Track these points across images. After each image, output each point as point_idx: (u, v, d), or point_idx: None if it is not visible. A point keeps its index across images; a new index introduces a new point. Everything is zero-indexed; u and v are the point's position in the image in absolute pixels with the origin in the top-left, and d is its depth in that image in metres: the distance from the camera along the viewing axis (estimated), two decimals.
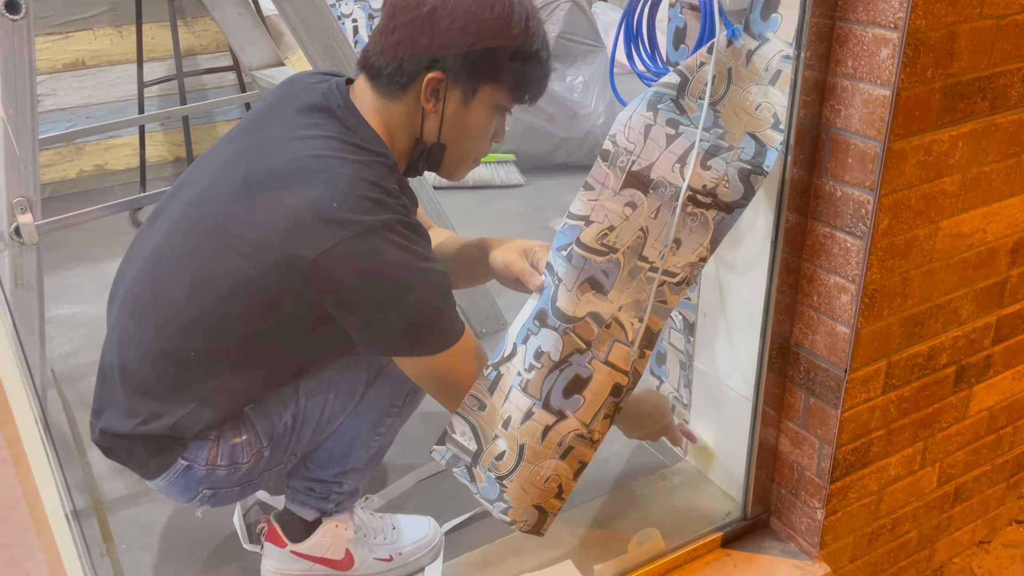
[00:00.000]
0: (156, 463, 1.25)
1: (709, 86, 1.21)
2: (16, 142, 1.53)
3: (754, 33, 1.21)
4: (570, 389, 1.22)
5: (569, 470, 1.24)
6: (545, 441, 1.22)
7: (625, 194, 1.21)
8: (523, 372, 1.21)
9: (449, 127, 1.21)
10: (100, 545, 1.51)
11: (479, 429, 1.25)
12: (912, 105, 1.12)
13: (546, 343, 1.21)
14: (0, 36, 1.48)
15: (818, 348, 1.31)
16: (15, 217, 1.58)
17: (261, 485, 1.36)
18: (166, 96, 3.14)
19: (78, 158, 3.10)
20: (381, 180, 1.14)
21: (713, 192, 1.19)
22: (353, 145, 1.15)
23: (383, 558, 1.44)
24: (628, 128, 1.20)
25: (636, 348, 1.22)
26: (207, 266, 1.16)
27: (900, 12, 1.06)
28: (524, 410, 1.21)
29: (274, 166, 1.14)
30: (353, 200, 1.10)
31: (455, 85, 1.18)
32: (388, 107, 1.20)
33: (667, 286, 1.22)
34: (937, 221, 1.25)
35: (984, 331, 1.44)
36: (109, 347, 1.27)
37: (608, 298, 1.21)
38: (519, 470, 1.23)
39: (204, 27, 3.17)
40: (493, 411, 1.24)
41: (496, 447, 1.24)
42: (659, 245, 1.21)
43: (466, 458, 1.26)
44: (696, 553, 1.46)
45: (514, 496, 1.24)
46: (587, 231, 1.21)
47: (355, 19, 3.31)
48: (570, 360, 1.21)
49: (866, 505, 1.46)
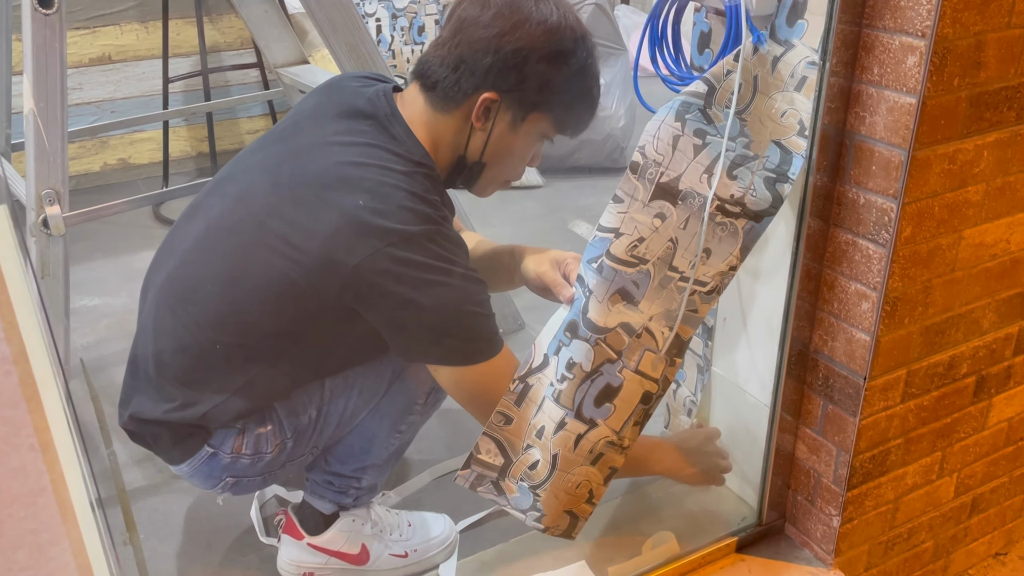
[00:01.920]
0: (182, 449, 1.28)
1: (736, 94, 1.21)
2: (46, 135, 1.55)
3: (780, 39, 1.21)
4: (601, 398, 1.23)
5: (599, 476, 1.27)
6: (577, 449, 1.24)
7: (654, 205, 1.21)
8: (555, 383, 1.23)
9: (493, 148, 1.24)
10: (123, 533, 1.53)
11: (506, 443, 1.26)
12: (938, 113, 1.12)
13: (577, 354, 1.22)
14: (33, 30, 1.50)
15: (837, 355, 1.31)
16: (43, 208, 1.60)
17: (281, 476, 1.38)
18: (190, 92, 3.16)
19: (102, 152, 3.13)
20: (423, 191, 1.16)
21: (741, 201, 1.21)
22: (397, 155, 1.17)
23: (398, 554, 1.44)
24: (657, 139, 1.21)
25: (665, 355, 1.24)
26: (246, 263, 1.18)
27: (928, 20, 1.05)
28: (557, 420, 1.23)
29: (319, 170, 1.16)
30: (395, 209, 1.11)
31: (507, 109, 1.20)
32: (437, 119, 1.22)
33: (698, 295, 1.23)
34: (960, 230, 1.25)
35: (1005, 342, 1.43)
36: (143, 338, 1.29)
37: (639, 308, 1.22)
38: (552, 479, 1.25)
39: (229, 24, 3.20)
40: (522, 422, 1.25)
41: (529, 457, 1.25)
42: (689, 255, 1.22)
43: (491, 474, 1.28)
44: (710, 557, 1.46)
45: (547, 504, 1.26)
46: (617, 243, 1.22)
47: (378, 18, 3.32)
48: (601, 370, 1.23)
49: (882, 513, 1.46)
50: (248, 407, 1.25)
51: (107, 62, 3.05)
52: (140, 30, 3.06)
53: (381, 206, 1.11)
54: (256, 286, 1.17)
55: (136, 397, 1.28)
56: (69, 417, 0.79)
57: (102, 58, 3.04)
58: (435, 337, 1.17)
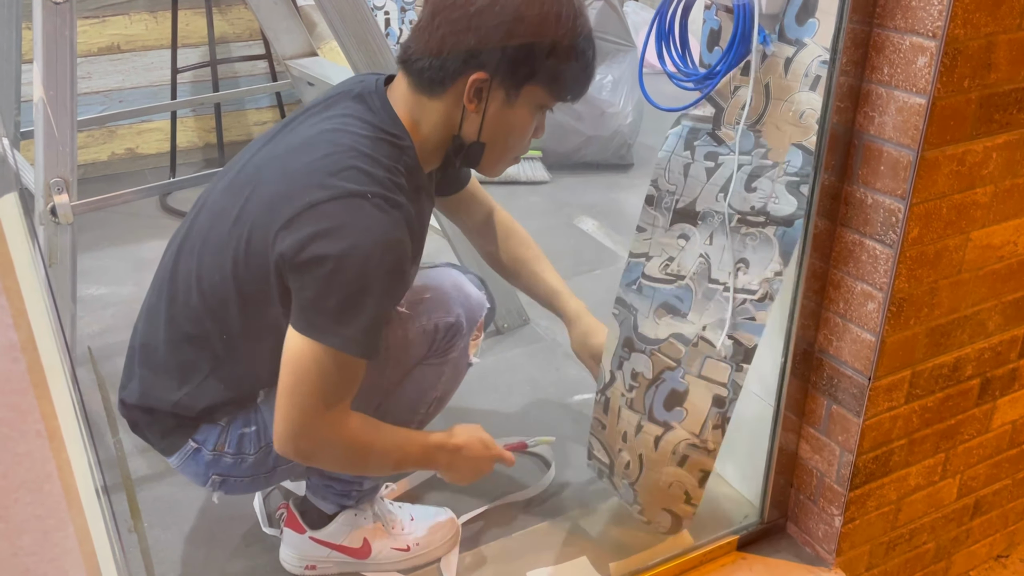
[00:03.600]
0: (169, 442, 1.30)
1: (747, 108, 1.22)
2: (55, 123, 1.55)
3: (790, 39, 1.21)
4: (670, 402, 1.32)
5: (691, 478, 1.33)
6: (659, 450, 1.33)
7: (676, 229, 1.29)
8: (626, 393, 1.36)
9: (490, 127, 1.19)
10: (128, 521, 1.53)
11: (606, 445, 1.42)
12: (947, 114, 1.12)
13: (638, 365, 1.34)
14: (43, 18, 1.51)
15: (842, 355, 1.31)
16: (51, 197, 1.61)
17: (278, 479, 1.38)
18: (198, 82, 3.17)
19: (110, 141, 3.14)
20: (381, 156, 1.12)
21: (764, 211, 1.22)
22: (366, 122, 1.16)
23: (400, 548, 1.45)
24: (668, 171, 1.26)
25: (730, 361, 1.26)
26: (218, 248, 1.19)
27: (939, 21, 1.05)
28: (634, 424, 1.35)
29: (292, 141, 1.17)
30: (343, 168, 1.09)
31: (499, 86, 1.16)
32: (423, 102, 1.19)
33: (749, 303, 1.25)
34: (968, 232, 1.25)
35: (1011, 344, 1.43)
36: (137, 325, 1.33)
37: (688, 319, 1.29)
38: (643, 477, 1.38)
39: (238, 15, 3.20)
40: (612, 429, 1.39)
41: (623, 458, 1.40)
42: (726, 267, 1.25)
43: (606, 471, 1.45)
44: (712, 555, 1.46)
45: (644, 501, 1.40)
46: (649, 265, 1.32)
47: (387, 11, 3.32)
48: (663, 377, 1.32)
49: (884, 514, 1.46)
50: (221, 398, 1.26)
51: (116, 52, 3.05)
52: (149, 20, 3.06)
53: (330, 164, 1.10)
54: (222, 266, 1.18)
55: (127, 384, 1.32)
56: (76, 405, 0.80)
57: (111, 47, 3.04)
58: (315, 297, 1.09)
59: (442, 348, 1.35)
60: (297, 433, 1.14)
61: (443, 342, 1.34)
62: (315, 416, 1.13)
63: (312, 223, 1.07)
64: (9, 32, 2.40)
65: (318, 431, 1.14)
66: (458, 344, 1.36)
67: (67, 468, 0.74)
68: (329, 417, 1.14)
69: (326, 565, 1.44)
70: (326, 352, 1.10)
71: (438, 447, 1.30)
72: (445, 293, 1.34)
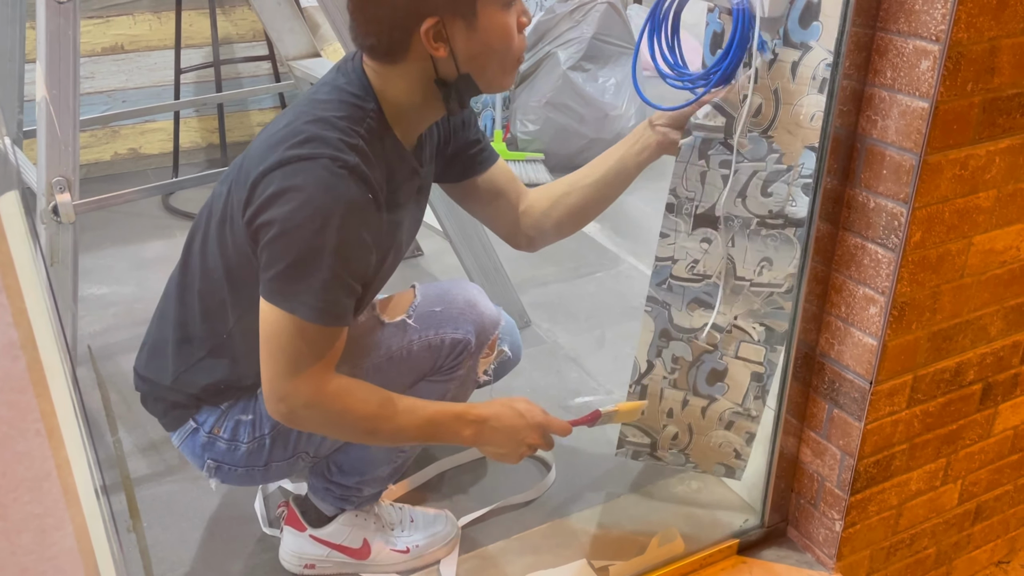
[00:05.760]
0: (171, 418, 1.33)
1: (743, 118, 1.24)
2: (58, 122, 1.55)
3: (795, 43, 1.21)
4: (712, 379, 1.44)
5: (739, 439, 1.47)
6: (706, 418, 1.47)
7: (698, 233, 1.34)
8: (668, 375, 1.46)
9: (469, 56, 1.11)
10: (127, 520, 1.53)
11: (646, 428, 1.52)
12: (950, 118, 1.12)
13: (678, 351, 1.43)
14: (47, 18, 1.51)
15: (844, 359, 1.31)
16: (53, 196, 1.61)
17: (275, 476, 1.37)
18: (202, 83, 3.17)
19: (113, 141, 3.14)
20: (337, 118, 1.10)
21: (781, 213, 1.26)
22: (334, 87, 1.14)
23: (400, 550, 1.45)
24: (685, 179, 1.32)
25: (764, 343, 1.36)
26: (218, 227, 1.20)
27: (942, 25, 1.05)
28: (680, 400, 1.47)
29: (277, 119, 1.18)
30: (296, 134, 1.09)
31: (453, 16, 1.08)
32: (389, 70, 1.13)
33: (777, 295, 1.32)
34: (970, 236, 1.24)
35: (1013, 349, 1.42)
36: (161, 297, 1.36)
37: (720, 311, 1.36)
38: (693, 443, 1.51)
39: (242, 16, 3.20)
40: (653, 411, 1.50)
41: (668, 432, 1.52)
42: (750, 266, 1.31)
43: (645, 450, 1.55)
44: (712, 559, 1.46)
45: (697, 458, 1.53)
46: (676, 267, 1.37)
47: None
48: (702, 359, 1.42)
49: (885, 519, 1.45)
50: (218, 378, 1.28)
51: (120, 51, 3.06)
52: (153, 20, 3.06)
53: (288, 131, 1.09)
54: (220, 241, 1.19)
55: (140, 353, 1.36)
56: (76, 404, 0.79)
57: (115, 47, 3.05)
58: (267, 262, 1.09)
59: (448, 365, 1.32)
60: (273, 396, 1.13)
61: (449, 359, 1.31)
62: (287, 380, 1.12)
63: (262, 190, 1.08)
64: (13, 31, 2.41)
65: (295, 395, 1.13)
66: (466, 362, 1.33)
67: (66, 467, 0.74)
68: (303, 381, 1.12)
69: (325, 565, 1.43)
70: (284, 316, 1.09)
71: (456, 417, 1.21)
72: (457, 309, 1.32)
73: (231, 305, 1.23)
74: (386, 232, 1.18)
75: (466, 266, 2.12)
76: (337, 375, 1.16)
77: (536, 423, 1.24)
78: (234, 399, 1.31)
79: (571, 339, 2.13)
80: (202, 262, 1.24)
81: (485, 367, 1.40)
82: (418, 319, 1.30)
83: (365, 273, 1.15)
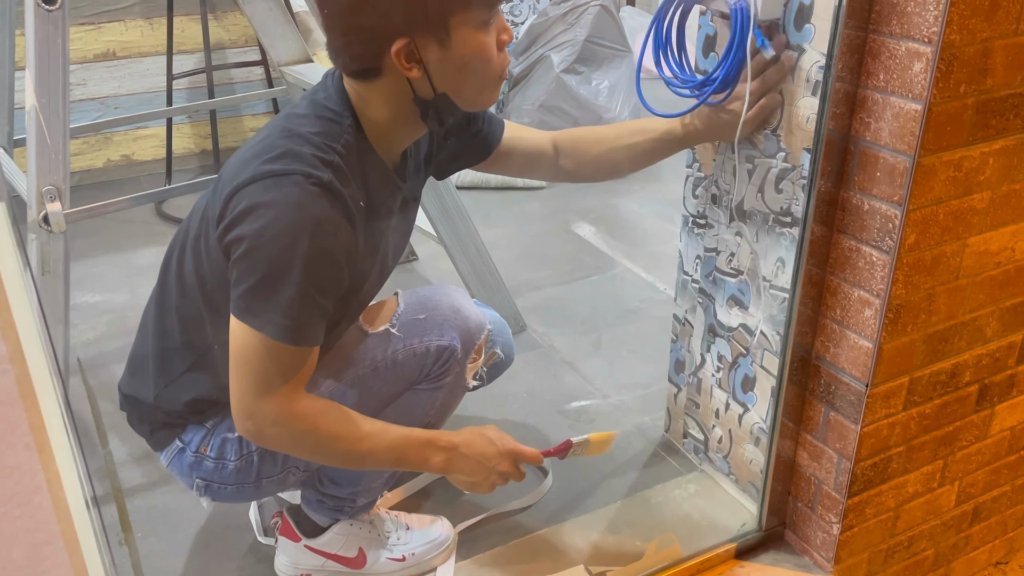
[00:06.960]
0: (157, 438, 1.32)
1: (744, 111, 1.25)
2: (48, 131, 1.54)
3: (791, 44, 1.21)
4: (744, 386, 1.47)
5: (764, 459, 1.45)
6: (742, 427, 1.49)
7: (733, 226, 1.40)
8: (715, 373, 1.52)
9: (444, 75, 1.09)
10: (119, 533, 1.52)
11: (701, 423, 1.58)
12: (944, 120, 1.11)
13: (722, 348, 1.49)
14: (36, 26, 1.50)
15: (840, 362, 1.30)
16: (44, 205, 1.60)
17: (267, 492, 1.35)
18: (194, 89, 3.16)
19: (105, 148, 3.13)
20: (313, 133, 1.09)
21: (789, 211, 1.28)
22: (313, 102, 1.14)
23: (396, 558, 1.44)
24: (722, 171, 1.40)
25: (780, 355, 1.35)
26: (194, 243, 1.20)
27: (935, 26, 1.05)
28: (724, 402, 1.52)
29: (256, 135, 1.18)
30: (270, 149, 1.08)
31: (425, 36, 1.05)
32: (365, 88, 1.12)
33: (789, 303, 1.33)
34: (965, 238, 1.24)
35: (1009, 350, 1.42)
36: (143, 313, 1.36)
37: (751, 312, 1.41)
38: (732, 451, 1.54)
39: (234, 21, 3.20)
40: (706, 408, 1.55)
41: (716, 434, 1.56)
42: (769, 264, 1.34)
43: (701, 447, 1.62)
44: (709, 563, 1.45)
45: (737, 472, 1.55)
46: (719, 259, 1.45)
47: None
48: (739, 362, 1.47)
49: (883, 521, 1.45)
50: (200, 395, 1.27)
51: (111, 58, 3.05)
52: (145, 26, 3.06)
53: (263, 147, 1.09)
54: (196, 256, 1.19)
55: (125, 372, 1.35)
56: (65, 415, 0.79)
57: (106, 54, 3.04)
58: (237, 278, 1.08)
59: (436, 373, 1.30)
60: (242, 413, 1.12)
61: (436, 367, 1.30)
62: (255, 398, 1.11)
63: (234, 205, 1.07)
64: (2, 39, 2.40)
65: (262, 413, 1.11)
66: (453, 369, 1.31)
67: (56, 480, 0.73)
68: (271, 399, 1.11)
69: (321, 574, 1.43)
70: (252, 334, 1.08)
71: (426, 443, 1.20)
72: (441, 315, 1.30)
73: (208, 321, 1.22)
74: (366, 248, 1.17)
75: (461, 271, 2.12)
76: (308, 395, 1.15)
77: (507, 450, 1.25)
78: (219, 417, 1.29)
79: (567, 343, 2.13)
80: (179, 278, 1.23)
81: (474, 372, 1.39)
82: (402, 328, 1.28)
83: (336, 292, 1.13)
